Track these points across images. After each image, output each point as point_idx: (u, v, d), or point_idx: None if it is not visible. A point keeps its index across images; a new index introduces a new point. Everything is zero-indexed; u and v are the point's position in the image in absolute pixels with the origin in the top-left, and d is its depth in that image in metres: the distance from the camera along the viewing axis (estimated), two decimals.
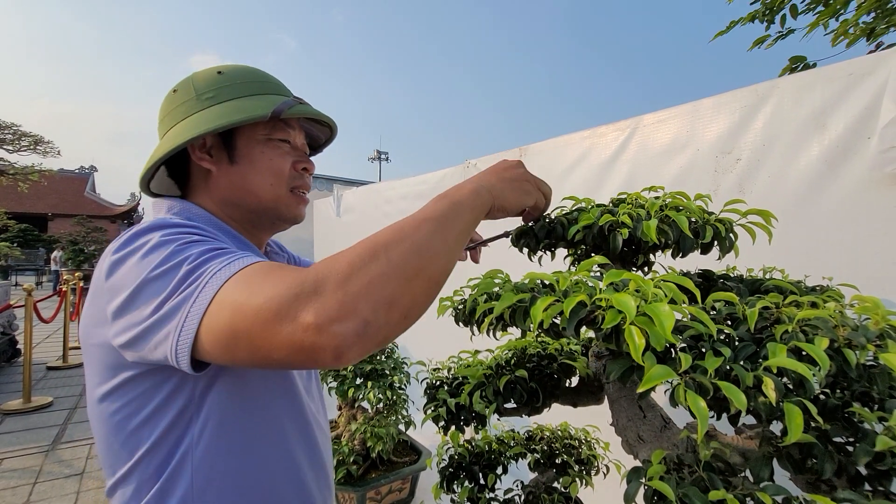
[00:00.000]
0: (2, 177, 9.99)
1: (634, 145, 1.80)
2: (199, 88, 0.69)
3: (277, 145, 0.72)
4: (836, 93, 1.26)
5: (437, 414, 1.02)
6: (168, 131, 0.70)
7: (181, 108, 0.69)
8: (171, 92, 0.72)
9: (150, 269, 0.50)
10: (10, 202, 20.08)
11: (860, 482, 0.60)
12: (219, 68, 0.72)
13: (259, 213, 0.73)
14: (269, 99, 0.69)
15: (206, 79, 0.70)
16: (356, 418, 2.40)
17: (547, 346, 1.14)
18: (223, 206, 0.72)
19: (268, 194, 0.71)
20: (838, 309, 0.67)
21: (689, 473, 0.67)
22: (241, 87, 0.70)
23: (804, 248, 1.31)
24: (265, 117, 0.66)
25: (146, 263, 0.51)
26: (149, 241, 0.53)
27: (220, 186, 0.71)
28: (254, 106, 0.67)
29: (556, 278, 0.68)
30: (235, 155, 0.70)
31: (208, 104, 0.68)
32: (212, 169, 0.70)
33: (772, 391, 0.54)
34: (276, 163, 0.71)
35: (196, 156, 0.69)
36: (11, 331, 5.54)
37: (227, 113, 0.66)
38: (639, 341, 0.55)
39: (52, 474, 2.85)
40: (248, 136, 0.70)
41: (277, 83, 0.75)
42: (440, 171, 3.05)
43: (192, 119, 0.67)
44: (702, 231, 0.82)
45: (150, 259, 0.51)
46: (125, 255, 0.53)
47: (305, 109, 0.71)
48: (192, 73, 0.73)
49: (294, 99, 0.71)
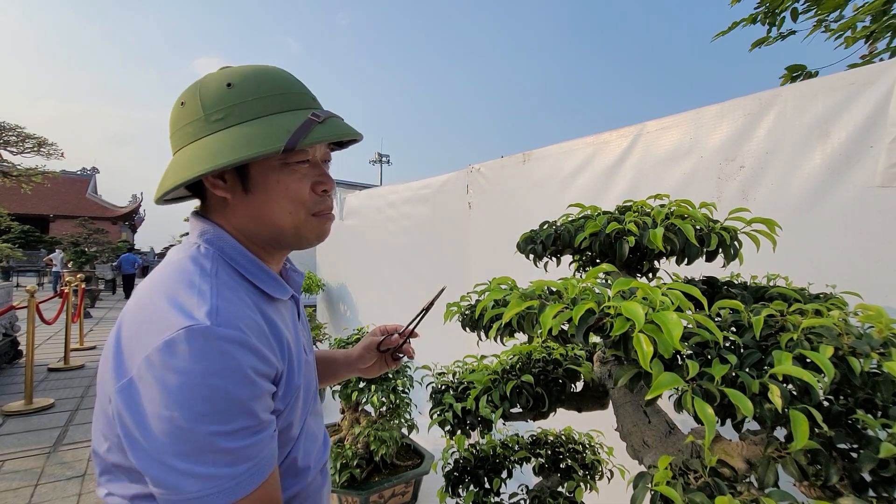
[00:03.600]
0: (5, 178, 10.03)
1: (638, 152, 1.82)
2: (206, 105, 0.63)
3: (294, 169, 0.66)
4: (838, 102, 1.27)
5: (443, 418, 1.03)
6: (178, 150, 0.65)
7: (189, 129, 0.64)
8: (178, 103, 0.66)
9: (175, 437, 0.50)
10: (12, 203, 20.14)
11: (864, 488, 0.61)
12: (229, 77, 0.64)
13: (280, 239, 0.69)
14: (285, 122, 0.62)
15: (215, 93, 0.63)
16: (359, 422, 2.41)
17: (552, 352, 1.15)
18: (243, 231, 0.68)
19: (287, 223, 0.67)
20: (842, 317, 0.68)
21: (695, 479, 0.68)
22: (252, 106, 0.63)
23: (807, 255, 1.32)
24: (277, 152, 0.60)
25: (168, 427, 0.50)
26: (184, 374, 0.51)
27: (237, 215, 0.67)
28: (265, 136, 0.60)
29: (564, 286, 0.69)
30: (249, 184, 0.65)
31: (217, 127, 0.62)
32: (227, 196, 0.66)
33: (778, 398, 0.55)
34: (293, 190, 0.66)
35: (209, 183, 0.65)
36: (13, 332, 5.54)
37: (238, 145, 0.60)
38: (647, 349, 0.56)
39: (53, 476, 2.85)
40: (263, 164, 0.64)
41: (297, 92, 0.67)
42: (444, 176, 3.06)
43: (201, 145, 0.62)
44: (707, 239, 0.84)
45: (177, 426, 0.50)
46: (158, 375, 0.51)
47: (324, 134, 0.63)
48: (201, 81, 0.66)
49: (313, 117, 0.64)
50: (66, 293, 5.54)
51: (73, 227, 15.36)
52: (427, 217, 3.26)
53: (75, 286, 6.12)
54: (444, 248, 3.07)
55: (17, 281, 15.45)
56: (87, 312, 8.78)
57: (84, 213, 21.73)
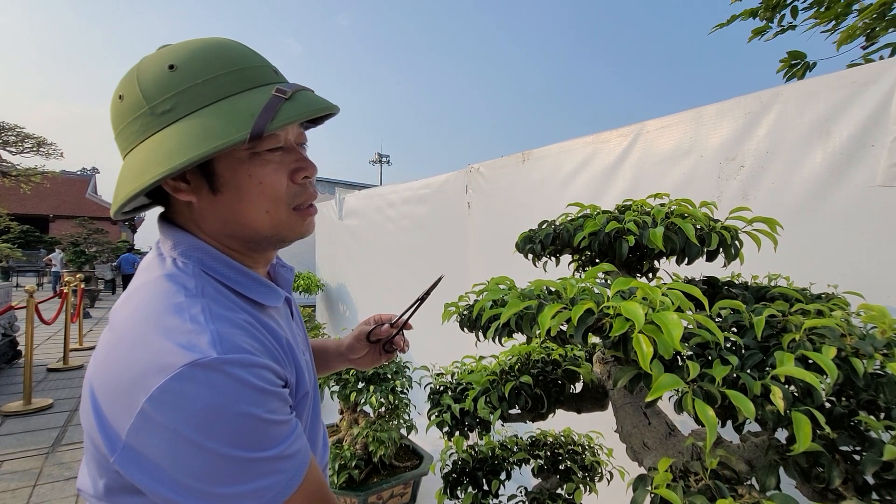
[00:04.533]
0: (5, 178, 10.02)
1: (637, 151, 1.81)
2: (149, 95, 0.53)
3: (267, 159, 0.57)
4: (839, 100, 1.26)
5: (441, 419, 1.02)
6: (127, 154, 0.56)
7: (134, 126, 0.54)
8: (115, 98, 0.56)
9: (215, 466, 0.45)
10: (11, 203, 20.13)
11: (867, 491, 0.60)
12: (170, 58, 0.54)
13: (258, 241, 0.61)
14: (246, 102, 0.53)
15: (157, 79, 0.54)
16: (358, 422, 2.40)
17: (551, 352, 1.14)
18: (217, 237, 0.60)
19: (265, 223, 0.59)
20: (845, 318, 0.67)
21: (695, 481, 0.67)
22: (204, 90, 0.53)
23: (807, 254, 1.31)
24: (243, 141, 0.51)
25: (179, 460, 0.45)
26: (204, 409, 0.45)
27: (206, 219, 0.59)
28: (226, 124, 0.52)
29: (563, 285, 0.68)
30: (217, 183, 0.56)
31: (167, 120, 0.53)
32: (192, 200, 0.57)
33: (780, 400, 0.54)
34: (268, 183, 0.57)
35: (169, 187, 0.56)
36: (12, 332, 5.54)
37: (194, 139, 0.51)
38: (647, 349, 0.55)
39: (52, 477, 2.84)
40: (229, 157, 0.55)
41: (252, 65, 0.57)
42: (443, 175, 3.06)
43: (152, 144, 0.53)
44: (707, 238, 0.83)
45: (186, 459, 0.45)
46: (166, 422, 0.44)
47: (295, 113, 0.54)
48: (138, 66, 0.56)
49: (278, 93, 0.54)
50: (66, 293, 5.53)
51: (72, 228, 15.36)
52: (426, 217, 3.26)
53: (75, 286, 6.11)
54: (443, 248, 3.07)
55: (16, 281, 15.45)
56: (86, 312, 8.77)
57: (84, 214, 21.71)
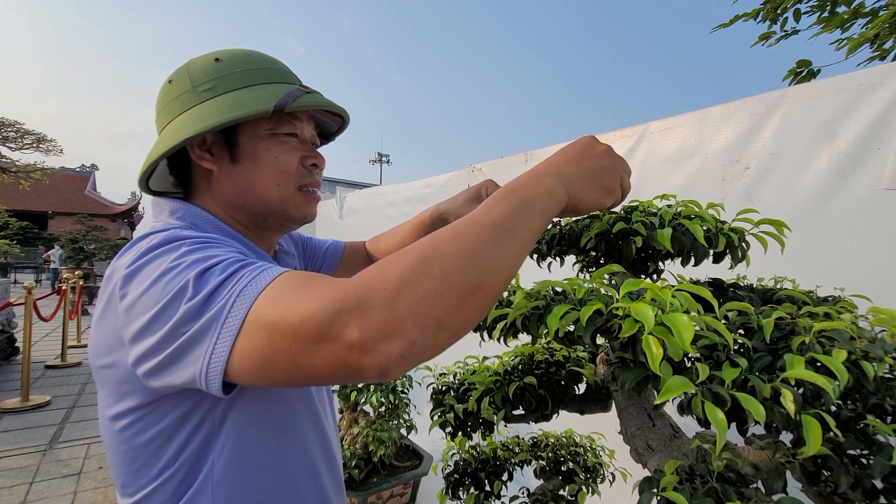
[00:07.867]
0: (4, 174, 10.00)
1: (641, 152, 1.80)
2: (195, 79, 0.63)
3: (283, 140, 0.66)
4: (845, 102, 1.26)
5: (444, 420, 1.02)
6: (165, 126, 0.64)
7: (177, 102, 0.64)
8: (166, 83, 0.66)
9: (172, 289, 0.46)
10: (10, 199, 20.09)
11: (875, 496, 0.60)
12: (216, 54, 0.65)
13: (266, 216, 0.68)
14: (273, 89, 0.63)
15: (202, 67, 0.64)
16: (358, 422, 2.39)
17: (555, 353, 1.13)
18: (227, 208, 0.67)
19: (274, 195, 0.66)
20: (853, 321, 0.67)
21: (701, 484, 0.66)
22: (241, 77, 0.63)
23: (813, 257, 1.30)
24: (267, 112, 0.59)
25: (166, 282, 0.46)
26: (165, 255, 0.49)
27: (222, 188, 0.66)
28: (255, 99, 0.61)
29: (571, 286, 0.68)
30: (238, 153, 0.64)
31: (206, 97, 0.62)
32: (213, 169, 0.65)
33: (790, 403, 0.53)
34: (281, 160, 0.65)
35: (195, 154, 0.64)
36: (10, 329, 5.52)
37: (226, 108, 0.60)
38: (657, 351, 0.54)
39: (49, 474, 2.83)
40: (251, 133, 0.64)
41: (283, 69, 0.68)
42: (444, 175, 3.05)
43: (189, 115, 0.62)
44: (714, 240, 0.82)
45: (170, 277, 0.46)
46: (140, 269, 0.49)
47: (312, 100, 0.64)
48: (189, 61, 0.67)
49: (300, 88, 0.64)
50: (64, 290, 5.53)
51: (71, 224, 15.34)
52: None
53: (73, 283, 6.10)
54: None
55: (14, 277, 15.43)
56: (84, 309, 8.75)
57: (83, 211, 21.66)
